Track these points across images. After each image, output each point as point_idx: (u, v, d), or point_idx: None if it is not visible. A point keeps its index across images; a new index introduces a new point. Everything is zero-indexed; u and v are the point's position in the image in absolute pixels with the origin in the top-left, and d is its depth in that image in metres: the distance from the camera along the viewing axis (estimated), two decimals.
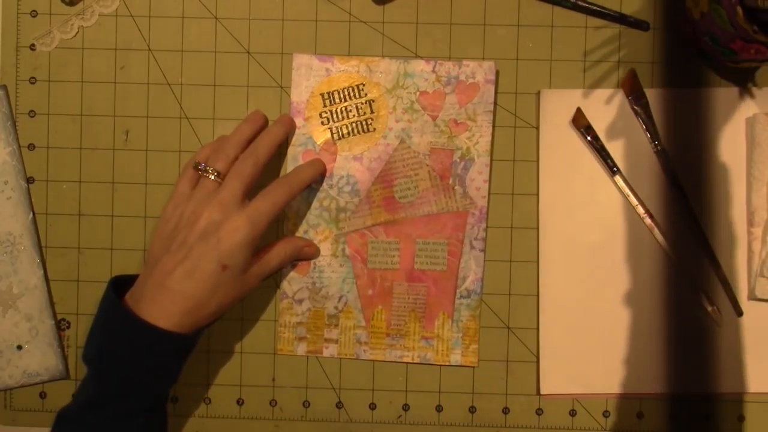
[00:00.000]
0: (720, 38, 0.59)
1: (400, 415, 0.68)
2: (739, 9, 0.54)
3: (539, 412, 0.67)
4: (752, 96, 0.66)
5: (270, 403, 0.68)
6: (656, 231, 0.66)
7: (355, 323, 0.67)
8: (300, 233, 0.67)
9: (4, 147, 0.67)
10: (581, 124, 0.66)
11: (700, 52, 0.65)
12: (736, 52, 0.60)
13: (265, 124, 0.66)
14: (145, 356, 0.58)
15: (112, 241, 0.68)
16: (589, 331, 0.66)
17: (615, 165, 0.66)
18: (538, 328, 0.67)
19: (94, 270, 0.68)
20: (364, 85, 0.67)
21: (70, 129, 0.68)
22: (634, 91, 0.66)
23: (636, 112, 0.66)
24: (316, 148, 0.67)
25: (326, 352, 0.67)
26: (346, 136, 0.67)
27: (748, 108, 0.66)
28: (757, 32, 0.55)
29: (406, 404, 0.68)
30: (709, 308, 0.66)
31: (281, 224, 0.67)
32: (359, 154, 0.67)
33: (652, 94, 0.66)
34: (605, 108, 0.66)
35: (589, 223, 0.67)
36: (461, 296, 0.67)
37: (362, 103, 0.67)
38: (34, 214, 0.68)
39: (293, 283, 0.67)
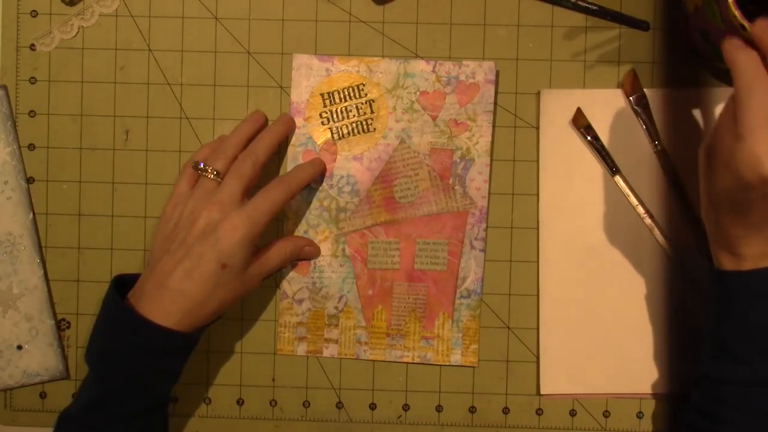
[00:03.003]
0: (711, 36, 0.59)
1: (400, 415, 0.68)
2: (731, 2, 0.54)
3: (539, 412, 0.67)
4: None
5: (270, 403, 0.68)
6: (656, 231, 0.66)
7: (355, 323, 0.67)
8: (300, 233, 0.67)
9: (4, 147, 0.67)
10: (581, 124, 0.66)
11: (693, 50, 0.65)
12: None
13: (265, 124, 0.66)
14: (146, 355, 0.58)
15: (112, 241, 0.68)
16: (589, 331, 0.66)
17: (615, 165, 0.66)
18: (538, 328, 0.67)
19: (94, 270, 0.68)
20: (364, 85, 0.67)
21: (70, 129, 0.68)
22: (634, 91, 0.66)
23: (636, 112, 0.66)
24: (316, 148, 0.67)
25: (326, 352, 0.67)
26: (346, 136, 0.67)
27: None
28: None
29: (406, 404, 0.68)
30: None
31: (281, 224, 0.67)
32: (359, 154, 0.67)
33: (652, 94, 0.66)
34: (605, 108, 0.66)
35: (589, 223, 0.66)
36: (461, 296, 0.66)
37: (362, 103, 0.67)
38: (34, 214, 0.68)
39: (293, 283, 0.67)
